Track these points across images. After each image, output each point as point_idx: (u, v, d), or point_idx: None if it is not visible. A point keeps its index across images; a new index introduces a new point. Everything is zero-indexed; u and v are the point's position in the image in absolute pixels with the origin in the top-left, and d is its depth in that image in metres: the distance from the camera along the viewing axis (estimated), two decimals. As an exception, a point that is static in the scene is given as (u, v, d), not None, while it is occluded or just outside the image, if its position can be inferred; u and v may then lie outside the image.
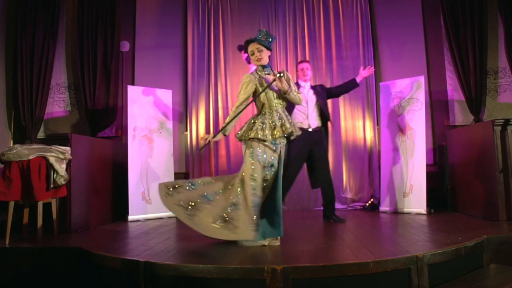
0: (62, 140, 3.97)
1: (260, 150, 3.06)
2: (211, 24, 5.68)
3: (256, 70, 3.22)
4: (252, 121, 3.16)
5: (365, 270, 2.40)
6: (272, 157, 3.08)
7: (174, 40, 5.76)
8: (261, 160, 3.05)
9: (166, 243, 3.28)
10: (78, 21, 5.50)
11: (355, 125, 5.48)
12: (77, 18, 5.52)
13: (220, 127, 5.52)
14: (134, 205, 4.75)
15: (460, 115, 5.34)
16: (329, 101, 5.49)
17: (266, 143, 3.06)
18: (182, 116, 5.71)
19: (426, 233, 3.44)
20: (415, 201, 4.63)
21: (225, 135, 3.28)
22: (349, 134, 5.47)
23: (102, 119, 5.42)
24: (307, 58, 5.57)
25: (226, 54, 5.65)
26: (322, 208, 4.40)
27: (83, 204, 4.12)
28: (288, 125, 3.11)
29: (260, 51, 3.14)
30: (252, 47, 3.16)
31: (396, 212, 4.73)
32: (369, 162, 5.39)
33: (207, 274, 2.40)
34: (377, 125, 5.38)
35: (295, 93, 3.15)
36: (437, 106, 5.42)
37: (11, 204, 3.46)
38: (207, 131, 5.55)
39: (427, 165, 4.73)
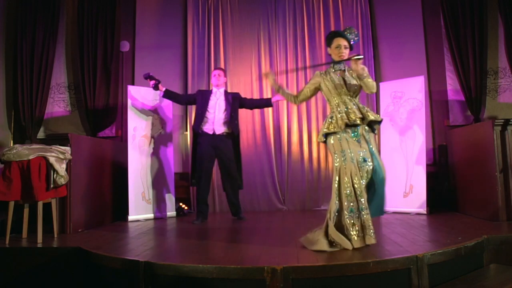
0: (62, 140, 3.96)
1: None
2: (211, 24, 5.68)
3: (328, 67, 3.24)
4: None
5: (365, 270, 2.40)
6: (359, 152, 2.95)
7: (174, 40, 5.76)
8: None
9: (166, 243, 3.29)
10: (78, 21, 5.50)
11: (355, 125, 5.48)
12: (77, 18, 5.52)
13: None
14: (134, 205, 4.75)
15: (460, 115, 5.34)
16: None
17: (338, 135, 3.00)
18: (182, 116, 5.71)
19: (426, 233, 3.44)
20: (415, 201, 4.63)
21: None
22: (349, 134, 5.47)
23: (102, 119, 5.42)
24: (307, 58, 5.58)
25: (226, 54, 5.65)
26: (323, 208, 4.52)
27: (83, 204, 4.12)
28: (347, 116, 3.00)
29: (346, 48, 3.11)
30: (340, 41, 3.09)
31: (396, 212, 4.73)
32: (369, 162, 5.38)
33: (207, 274, 2.40)
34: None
35: (369, 79, 3.03)
36: (437, 106, 5.42)
37: (11, 204, 3.45)
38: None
39: (427, 165, 4.73)
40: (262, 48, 5.65)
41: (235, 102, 4.56)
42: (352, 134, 3.00)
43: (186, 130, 5.66)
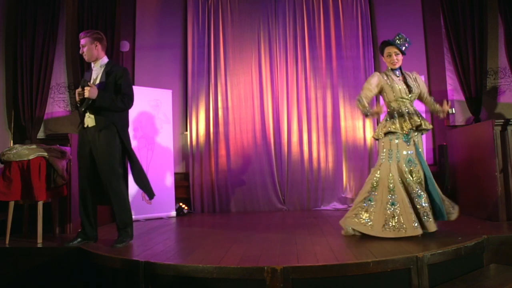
0: (62, 140, 3.96)
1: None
2: (211, 24, 5.68)
3: (385, 70, 3.44)
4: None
5: (365, 270, 2.40)
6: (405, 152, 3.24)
7: (174, 40, 5.76)
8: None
9: (166, 243, 3.29)
10: (78, 21, 5.50)
11: (355, 125, 5.48)
12: (77, 18, 5.51)
13: (221, 127, 5.55)
14: (134, 205, 4.72)
15: (460, 115, 5.34)
16: (329, 100, 5.51)
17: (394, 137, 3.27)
18: (182, 116, 5.71)
19: (426, 233, 3.43)
20: (415, 201, 4.62)
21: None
22: (349, 134, 5.47)
23: (102, 119, 5.40)
24: (307, 58, 5.57)
25: (226, 54, 5.65)
26: (324, 208, 4.04)
27: (83, 204, 4.11)
28: (409, 121, 3.25)
29: (397, 54, 3.34)
30: (390, 49, 3.33)
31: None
32: (369, 162, 5.39)
33: (207, 274, 2.40)
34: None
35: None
36: (437, 106, 5.41)
37: (11, 204, 3.45)
38: (207, 131, 5.55)
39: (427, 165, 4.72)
40: (262, 48, 5.65)
41: (110, 81, 3.32)
42: (403, 136, 3.25)
43: (186, 130, 5.66)
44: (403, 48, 3.34)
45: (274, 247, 2.99)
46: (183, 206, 5.24)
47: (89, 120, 3.27)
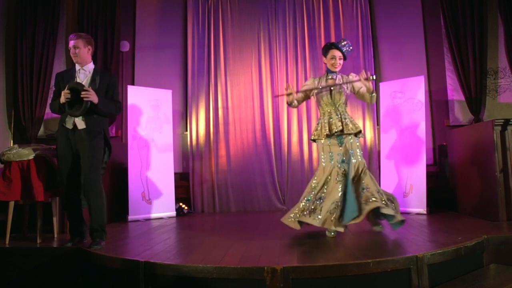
0: (62, 140, 3.95)
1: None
2: (211, 24, 5.68)
3: (324, 74, 3.55)
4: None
5: (365, 270, 2.40)
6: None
7: (174, 40, 5.76)
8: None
9: (166, 243, 3.29)
10: (78, 21, 5.50)
11: (355, 125, 5.48)
12: (77, 18, 5.51)
13: (221, 127, 5.55)
14: (134, 205, 4.75)
15: (460, 115, 5.34)
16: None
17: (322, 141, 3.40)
18: (182, 116, 5.71)
19: (426, 233, 3.44)
20: (415, 201, 4.63)
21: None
22: (349, 134, 5.47)
23: (102, 119, 5.40)
24: (307, 58, 5.57)
25: (226, 54, 5.65)
26: None
27: (83, 204, 4.11)
28: (334, 126, 3.33)
29: (340, 59, 3.43)
30: (335, 53, 3.40)
31: (396, 212, 4.72)
32: (369, 162, 5.39)
33: (207, 274, 2.40)
34: (377, 125, 5.38)
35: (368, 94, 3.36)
36: (437, 106, 5.42)
37: (11, 204, 3.45)
38: (207, 131, 5.55)
39: (427, 165, 4.73)
40: (262, 48, 5.65)
41: (101, 87, 3.28)
42: (337, 139, 3.38)
43: (186, 130, 5.66)
44: (347, 53, 3.46)
45: (274, 247, 2.99)
46: (183, 206, 5.24)
47: (79, 122, 3.22)
